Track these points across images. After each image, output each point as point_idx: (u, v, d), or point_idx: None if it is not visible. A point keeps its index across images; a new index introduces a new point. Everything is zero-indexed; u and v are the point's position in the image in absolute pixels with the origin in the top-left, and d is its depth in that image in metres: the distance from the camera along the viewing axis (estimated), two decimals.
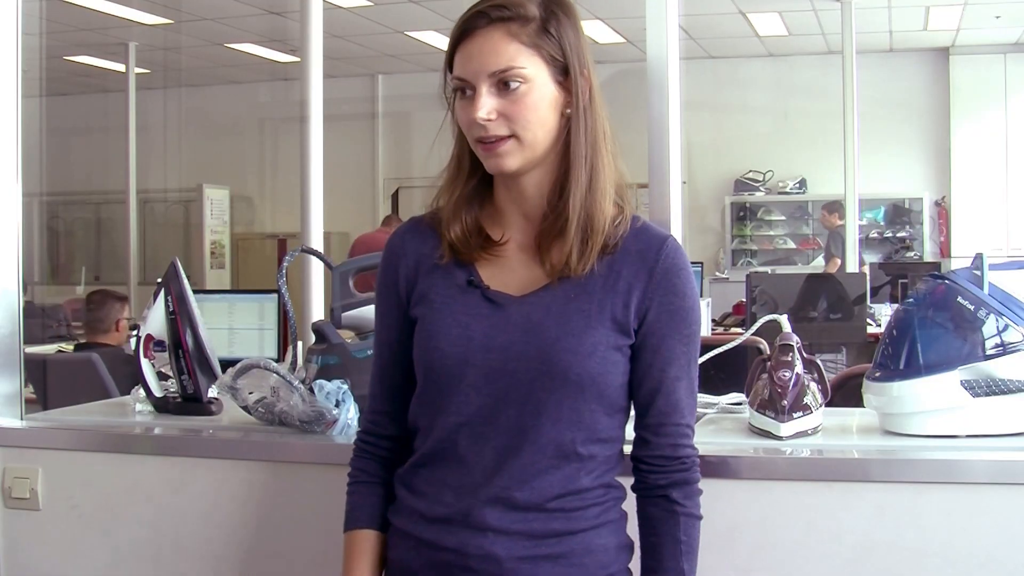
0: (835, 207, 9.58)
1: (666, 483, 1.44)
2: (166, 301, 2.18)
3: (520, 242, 1.45)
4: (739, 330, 6.01)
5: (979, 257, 1.83)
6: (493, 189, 1.47)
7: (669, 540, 1.43)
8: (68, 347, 5.10)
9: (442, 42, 9.46)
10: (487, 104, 1.35)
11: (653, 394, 1.43)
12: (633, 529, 1.48)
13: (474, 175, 1.45)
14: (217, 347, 2.22)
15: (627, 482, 1.49)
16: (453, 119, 1.43)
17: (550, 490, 1.38)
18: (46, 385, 4.20)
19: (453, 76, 1.39)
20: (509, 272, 1.44)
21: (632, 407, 1.47)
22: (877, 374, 1.87)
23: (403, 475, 1.48)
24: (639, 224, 1.45)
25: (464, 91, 1.38)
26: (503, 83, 1.35)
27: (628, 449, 1.48)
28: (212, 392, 2.21)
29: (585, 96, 1.40)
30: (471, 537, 1.36)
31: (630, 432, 1.48)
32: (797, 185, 10.55)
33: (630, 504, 1.49)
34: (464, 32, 1.37)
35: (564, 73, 1.39)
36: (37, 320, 5.79)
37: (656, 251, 1.42)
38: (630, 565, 1.48)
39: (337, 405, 1.97)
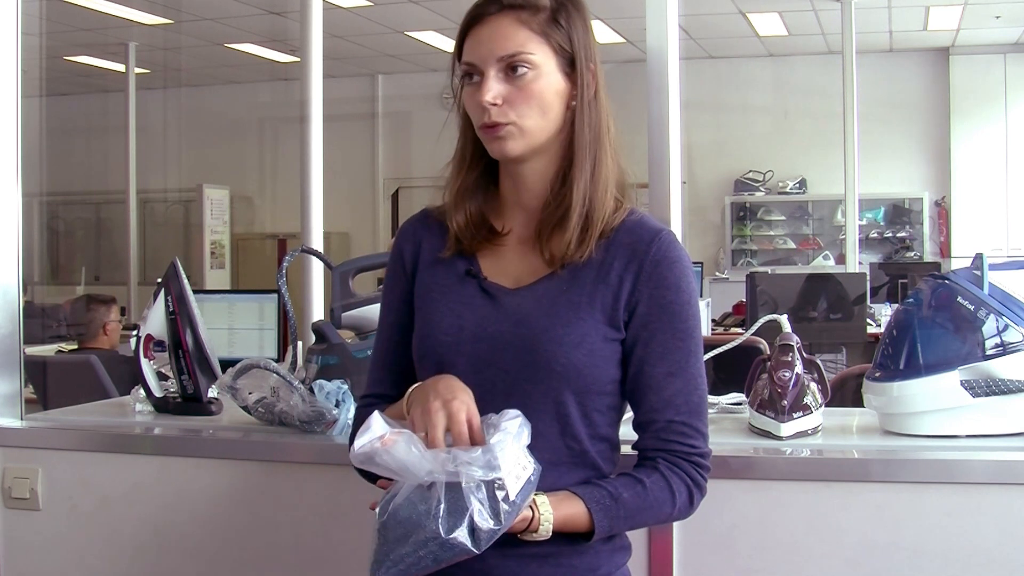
0: None
1: (652, 455, 1.40)
2: (166, 301, 2.18)
3: (520, 234, 1.45)
4: (739, 330, 6.01)
5: (979, 257, 1.83)
6: (498, 180, 1.48)
7: (629, 474, 1.38)
8: (68, 347, 5.10)
9: (442, 42, 9.47)
10: (494, 88, 1.36)
11: (644, 390, 1.40)
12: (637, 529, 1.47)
13: (476, 166, 1.46)
14: (217, 347, 2.22)
15: None
16: (458, 110, 1.45)
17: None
18: (46, 386, 4.20)
19: (462, 62, 1.40)
20: (508, 264, 1.45)
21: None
22: (877, 374, 1.87)
23: None
24: (636, 217, 1.44)
25: (472, 77, 1.39)
26: (511, 69, 1.37)
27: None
28: (212, 392, 2.21)
29: (591, 89, 1.41)
30: None
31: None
32: (797, 185, 10.54)
33: None
34: (475, 18, 1.39)
35: (571, 65, 1.40)
36: (37, 320, 5.78)
37: (648, 243, 1.40)
38: (630, 564, 1.47)
39: (337, 405, 1.97)
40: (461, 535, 1.19)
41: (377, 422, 1.24)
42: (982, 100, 9.85)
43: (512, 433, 1.23)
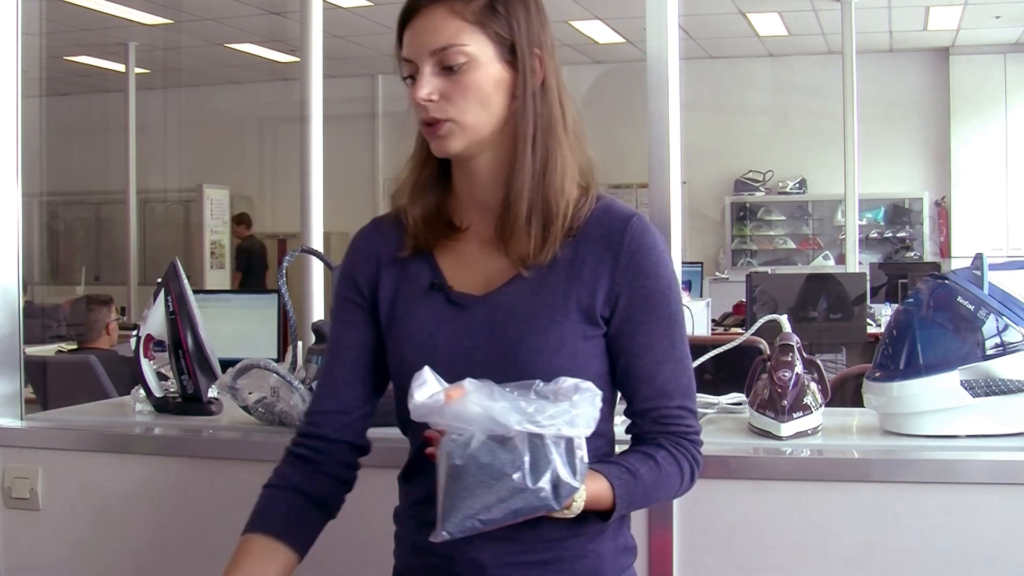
0: (242, 218, 9.42)
1: (654, 436, 1.38)
2: (166, 301, 2.18)
3: (481, 234, 1.40)
4: (739, 330, 6.01)
5: (979, 257, 1.83)
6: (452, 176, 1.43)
7: (637, 450, 1.36)
8: (68, 347, 5.10)
9: None
10: (428, 84, 1.31)
11: (637, 382, 1.37)
12: (637, 529, 1.47)
13: (431, 162, 1.41)
14: (217, 347, 2.22)
15: None
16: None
17: None
18: (46, 386, 4.20)
19: (400, 57, 1.35)
20: (472, 267, 1.39)
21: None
22: (877, 374, 1.87)
23: (403, 474, 1.45)
24: (603, 204, 1.39)
25: (412, 76, 1.34)
26: (445, 62, 1.31)
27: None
28: (212, 392, 2.21)
29: (536, 77, 1.34)
30: (457, 543, 1.26)
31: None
32: (797, 185, 10.55)
33: None
34: (408, 11, 1.34)
35: (513, 53, 1.33)
36: (37, 320, 5.78)
37: (620, 233, 1.36)
38: (635, 565, 1.45)
39: None
40: (546, 487, 1.16)
41: (430, 375, 1.19)
42: (982, 100, 9.87)
43: (591, 393, 1.20)
